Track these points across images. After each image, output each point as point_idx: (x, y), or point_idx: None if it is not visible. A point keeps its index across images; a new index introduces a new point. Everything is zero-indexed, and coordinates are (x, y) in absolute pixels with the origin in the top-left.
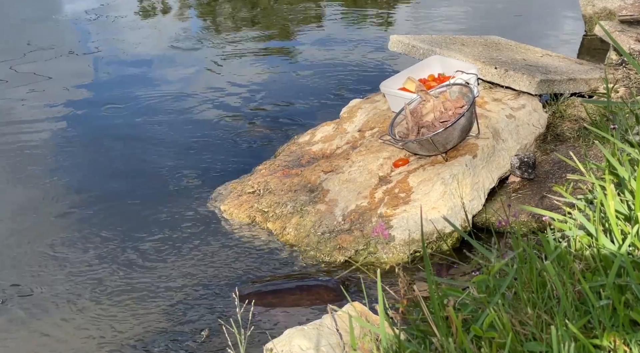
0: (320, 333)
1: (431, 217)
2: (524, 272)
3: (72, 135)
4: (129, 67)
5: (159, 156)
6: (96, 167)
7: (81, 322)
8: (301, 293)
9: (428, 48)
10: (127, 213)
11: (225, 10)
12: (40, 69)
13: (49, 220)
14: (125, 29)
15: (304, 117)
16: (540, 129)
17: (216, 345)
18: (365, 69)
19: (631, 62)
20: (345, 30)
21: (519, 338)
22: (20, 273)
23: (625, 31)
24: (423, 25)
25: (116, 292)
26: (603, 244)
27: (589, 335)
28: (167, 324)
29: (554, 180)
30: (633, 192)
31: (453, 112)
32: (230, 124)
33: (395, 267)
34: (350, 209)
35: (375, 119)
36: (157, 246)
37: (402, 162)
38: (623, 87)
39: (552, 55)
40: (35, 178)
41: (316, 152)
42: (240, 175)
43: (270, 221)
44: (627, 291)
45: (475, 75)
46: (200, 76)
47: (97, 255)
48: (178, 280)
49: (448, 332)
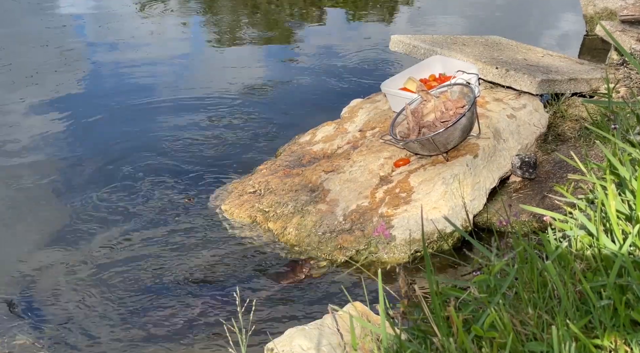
0: (321, 333)
1: (432, 216)
2: (524, 272)
3: (71, 135)
4: (129, 67)
5: (159, 156)
6: (95, 167)
7: (80, 322)
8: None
9: (429, 48)
10: (127, 213)
11: (226, 11)
12: (34, 63)
13: (47, 222)
14: (125, 28)
15: (305, 117)
16: (541, 128)
17: (217, 344)
18: (365, 69)
19: (632, 62)
20: (345, 30)
21: (519, 338)
22: (22, 274)
23: (627, 31)
24: (424, 25)
25: (116, 291)
26: (604, 244)
27: (589, 335)
28: (167, 323)
29: (555, 180)
30: (634, 191)
31: (454, 112)
32: (231, 123)
33: (396, 267)
34: (351, 209)
35: (376, 119)
36: (158, 246)
37: (403, 162)
38: (624, 87)
39: (553, 55)
40: (36, 180)
41: (317, 151)
42: (241, 175)
43: (271, 221)
44: (628, 291)
45: (476, 75)
46: (200, 76)
47: (96, 255)
48: (179, 280)
49: (449, 332)
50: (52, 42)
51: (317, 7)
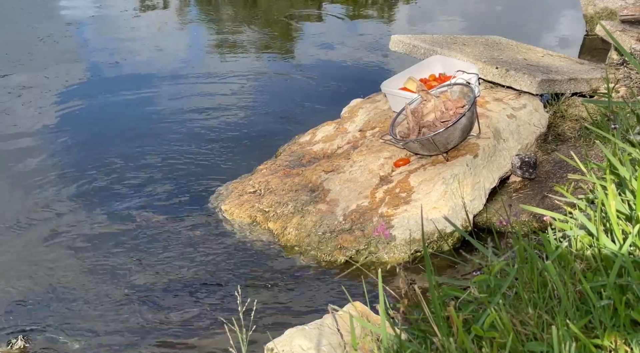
0: (321, 333)
1: (432, 216)
2: (524, 272)
3: (70, 135)
4: (128, 67)
5: (159, 156)
6: (96, 167)
7: (79, 322)
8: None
9: (429, 48)
10: (128, 213)
11: (225, 10)
12: (35, 64)
13: (47, 222)
14: (124, 28)
15: (305, 117)
16: (541, 128)
17: (217, 344)
18: (365, 68)
19: (632, 61)
20: (345, 30)
21: (519, 338)
22: (22, 274)
23: (627, 31)
24: (424, 25)
25: (115, 291)
26: (604, 244)
27: (589, 335)
28: (167, 323)
29: (555, 180)
30: (634, 191)
31: (454, 112)
32: (231, 123)
33: (396, 267)
34: (351, 209)
35: (376, 119)
36: (158, 245)
37: (403, 162)
38: (624, 86)
39: (553, 55)
40: (35, 181)
41: (317, 151)
42: (241, 175)
43: (271, 221)
44: (628, 291)
45: (476, 75)
46: (200, 76)
47: (95, 255)
48: (179, 280)
49: (449, 331)
50: (52, 41)
51: (317, 6)
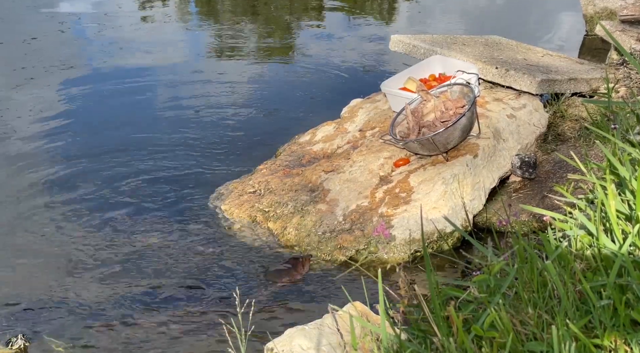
0: (321, 332)
1: (432, 216)
2: (524, 272)
3: (70, 134)
4: (128, 67)
5: (159, 156)
6: (96, 166)
7: (77, 322)
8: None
9: (429, 48)
10: (128, 212)
11: (225, 10)
12: (35, 62)
13: (46, 222)
14: (123, 27)
15: (305, 117)
16: (541, 128)
17: (217, 344)
18: (365, 68)
19: (632, 61)
20: (345, 29)
21: (519, 338)
22: (21, 273)
23: (626, 31)
24: (424, 24)
25: (115, 291)
26: (604, 244)
27: (589, 335)
28: (167, 323)
29: (554, 179)
30: (634, 191)
31: (454, 112)
32: (231, 123)
33: (396, 267)
34: (351, 209)
35: (376, 119)
36: (158, 245)
37: (403, 162)
38: (624, 86)
39: (553, 55)
40: (35, 182)
41: (317, 151)
42: (241, 174)
43: (271, 221)
44: (627, 291)
45: (476, 75)
46: (199, 76)
47: (94, 254)
48: (178, 279)
49: (449, 331)
50: (51, 42)
51: (317, 6)
